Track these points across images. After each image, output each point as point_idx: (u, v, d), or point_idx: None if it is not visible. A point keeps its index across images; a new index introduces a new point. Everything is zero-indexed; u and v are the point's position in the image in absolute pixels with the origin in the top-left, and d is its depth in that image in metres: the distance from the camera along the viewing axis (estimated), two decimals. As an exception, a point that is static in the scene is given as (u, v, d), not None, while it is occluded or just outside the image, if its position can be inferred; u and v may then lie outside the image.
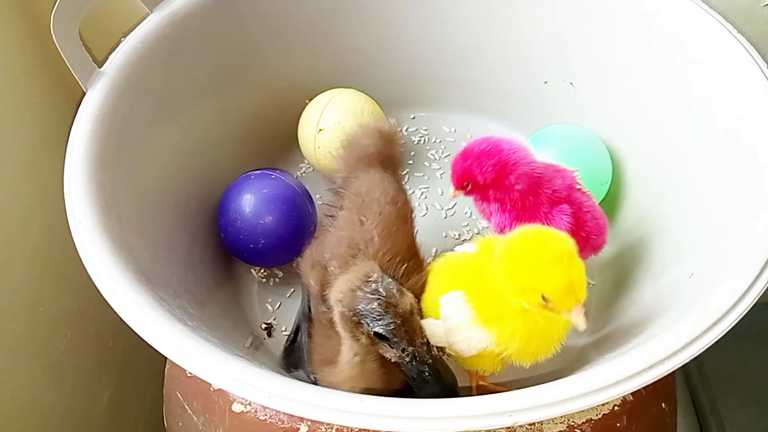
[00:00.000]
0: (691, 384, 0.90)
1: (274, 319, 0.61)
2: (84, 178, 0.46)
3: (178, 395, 0.56)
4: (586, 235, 0.53)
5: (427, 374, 0.42)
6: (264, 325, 0.60)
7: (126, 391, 0.90)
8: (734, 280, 0.37)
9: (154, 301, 0.40)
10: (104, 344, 0.85)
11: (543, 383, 0.52)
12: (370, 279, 0.42)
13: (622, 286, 0.58)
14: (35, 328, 0.73)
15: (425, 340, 0.42)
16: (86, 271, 0.42)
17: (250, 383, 0.35)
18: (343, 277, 0.43)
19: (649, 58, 0.59)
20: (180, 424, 0.57)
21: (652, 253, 0.55)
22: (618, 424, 0.53)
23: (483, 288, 0.43)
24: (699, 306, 0.37)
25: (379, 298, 0.41)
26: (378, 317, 0.40)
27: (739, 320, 0.36)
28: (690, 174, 0.54)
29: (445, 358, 0.53)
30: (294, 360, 0.56)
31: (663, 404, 0.55)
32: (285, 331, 0.60)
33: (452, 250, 0.50)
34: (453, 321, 0.44)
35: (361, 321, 0.41)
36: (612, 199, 0.64)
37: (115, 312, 0.40)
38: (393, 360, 0.42)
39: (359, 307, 0.41)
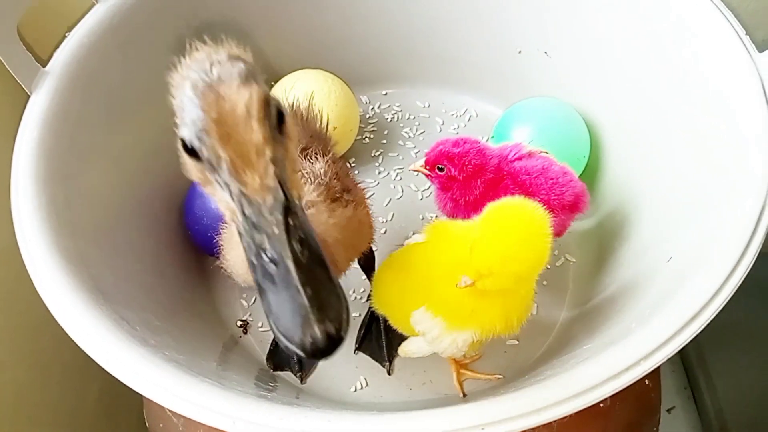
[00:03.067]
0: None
1: (250, 315, 0.59)
2: (32, 191, 0.43)
3: (158, 397, 0.55)
4: (545, 199, 0.52)
5: (267, 258, 0.26)
6: (239, 323, 0.59)
7: (116, 381, 0.89)
8: (710, 273, 0.36)
9: (112, 322, 0.38)
10: (89, 338, 0.84)
11: (525, 368, 0.53)
12: (211, 57, 0.28)
13: (603, 264, 0.57)
14: (13, 329, 0.72)
15: (272, 181, 0.27)
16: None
17: (213, 408, 0.34)
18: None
19: (626, 27, 0.56)
20: (161, 425, 0.56)
21: (632, 231, 0.54)
22: (601, 405, 0.53)
23: (444, 292, 0.42)
24: (674, 301, 0.36)
25: (201, 80, 0.27)
26: (189, 109, 0.27)
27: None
28: (669, 150, 0.52)
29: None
30: (280, 361, 0.55)
31: (647, 381, 0.55)
32: (261, 327, 0.58)
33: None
34: (431, 334, 0.43)
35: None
36: (591, 174, 0.62)
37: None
38: (229, 219, 0.28)
39: (176, 102, 0.28)
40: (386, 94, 0.76)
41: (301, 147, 0.43)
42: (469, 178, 0.52)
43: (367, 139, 0.72)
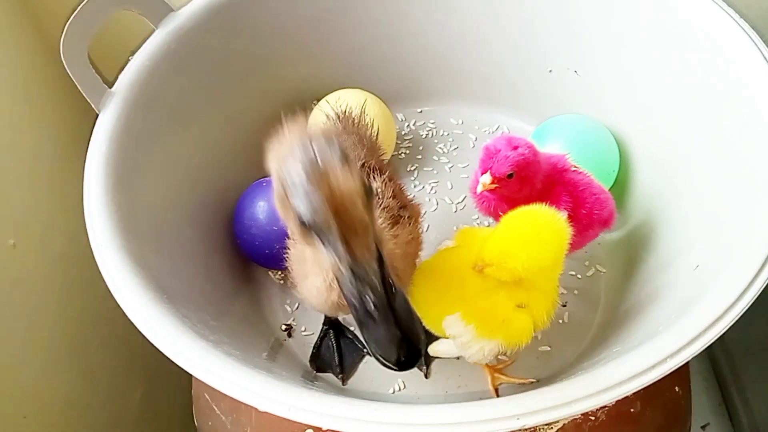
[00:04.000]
0: (712, 354, 0.90)
1: (293, 319, 0.63)
2: (103, 201, 0.48)
3: (206, 396, 0.58)
4: (588, 212, 0.54)
5: (370, 302, 0.32)
6: (284, 327, 0.62)
7: (157, 387, 0.93)
8: (735, 275, 0.38)
9: (177, 319, 0.42)
10: (133, 343, 0.88)
11: (558, 373, 0.55)
12: (310, 139, 0.32)
13: (632, 274, 0.58)
14: (66, 334, 0.76)
15: (372, 246, 0.32)
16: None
17: (271, 397, 0.37)
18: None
19: (653, 45, 0.59)
20: (210, 423, 0.59)
21: (661, 241, 0.56)
22: (632, 410, 0.54)
23: (477, 300, 0.45)
24: (701, 303, 0.38)
25: (307, 160, 0.31)
26: (298, 186, 0.31)
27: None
28: (696, 163, 0.54)
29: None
30: (323, 363, 0.58)
31: (676, 388, 0.56)
32: (305, 331, 0.62)
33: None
34: (461, 339, 0.45)
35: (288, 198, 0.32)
36: (620, 188, 0.64)
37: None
38: (332, 272, 0.33)
39: (283, 175, 0.32)
40: (421, 111, 0.79)
41: (360, 162, 0.47)
42: (530, 179, 0.51)
43: (403, 154, 0.75)
